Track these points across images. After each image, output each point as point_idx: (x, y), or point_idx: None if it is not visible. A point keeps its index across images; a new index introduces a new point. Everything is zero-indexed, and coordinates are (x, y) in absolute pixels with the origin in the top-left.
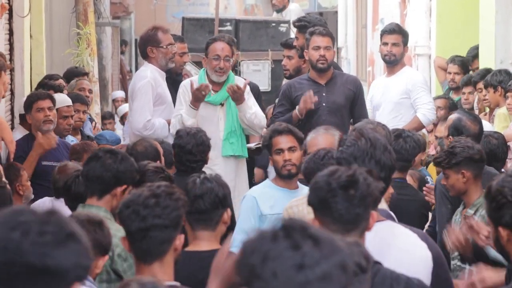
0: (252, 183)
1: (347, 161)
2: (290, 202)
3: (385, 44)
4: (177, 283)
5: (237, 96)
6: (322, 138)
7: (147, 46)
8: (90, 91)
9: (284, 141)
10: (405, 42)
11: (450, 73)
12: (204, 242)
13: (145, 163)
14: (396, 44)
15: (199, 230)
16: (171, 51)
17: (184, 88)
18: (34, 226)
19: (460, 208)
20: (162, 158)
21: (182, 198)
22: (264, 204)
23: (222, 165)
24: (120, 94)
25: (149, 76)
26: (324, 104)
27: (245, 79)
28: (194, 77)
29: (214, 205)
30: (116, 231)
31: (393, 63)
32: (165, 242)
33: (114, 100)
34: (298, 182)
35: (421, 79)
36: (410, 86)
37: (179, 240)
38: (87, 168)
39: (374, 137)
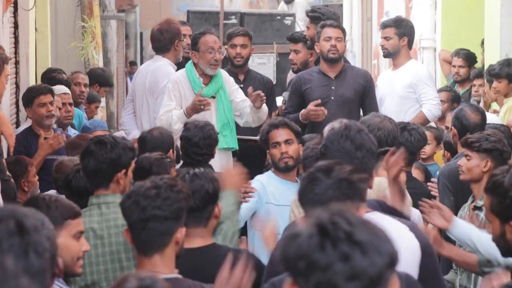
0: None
1: (325, 147)
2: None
3: (382, 38)
4: (179, 276)
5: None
6: None
7: (175, 39)
8: (86, 85)
9: (280, 134)
10: (400, 34)
11: (455, 66)
12: (197, 239)
13: (148, 155)
14: (387, 38)
15: (191, 227)
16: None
17: (175, 84)
18: None
19: (468, 202)
20: (175, 152)
21: (184, 191)
22: (271, 193)
23: (217, 157)
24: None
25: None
26: (332, 98)
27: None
28: (181, 72)
29: (205, 202)
30: None
31: (387, 56)
32: (165, 234)
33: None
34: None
35: (426, 73)
36: (415, 81)
37: (180, 233)
38: (83, 164)
39: (350, 122)
